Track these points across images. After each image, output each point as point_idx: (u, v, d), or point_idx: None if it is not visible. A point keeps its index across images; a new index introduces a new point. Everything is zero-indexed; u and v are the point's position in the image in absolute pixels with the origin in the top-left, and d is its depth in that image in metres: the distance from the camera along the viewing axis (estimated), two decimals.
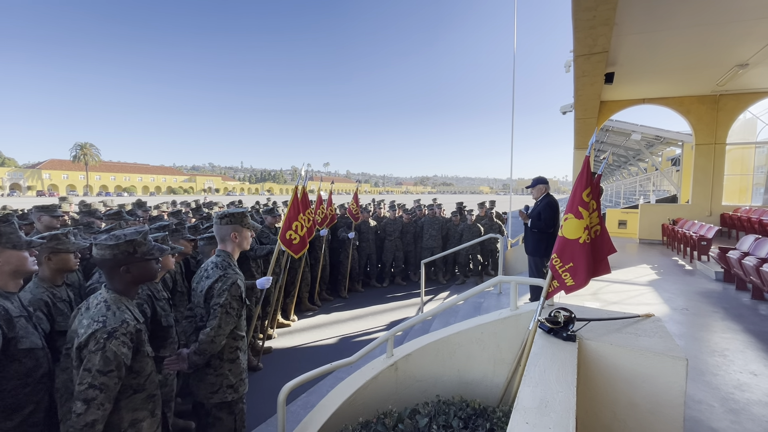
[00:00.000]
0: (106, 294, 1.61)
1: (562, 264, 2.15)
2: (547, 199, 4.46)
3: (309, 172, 4.85)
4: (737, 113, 8.82)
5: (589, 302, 4.61)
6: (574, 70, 6.20)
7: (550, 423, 1.24)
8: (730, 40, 5.71)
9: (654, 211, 9.95)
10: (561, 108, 10.49)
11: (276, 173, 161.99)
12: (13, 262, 1.68)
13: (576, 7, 4.33)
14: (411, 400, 2.62)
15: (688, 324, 3.99)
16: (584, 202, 2.11)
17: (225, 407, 2.18)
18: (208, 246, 3.21)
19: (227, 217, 2.29)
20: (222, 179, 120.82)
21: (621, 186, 22.63)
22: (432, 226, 7.88)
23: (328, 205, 6.46)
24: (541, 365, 1.64)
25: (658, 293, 5.08)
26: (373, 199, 9.66)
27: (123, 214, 4.25)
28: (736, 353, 3.28)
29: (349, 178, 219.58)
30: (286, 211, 4.30)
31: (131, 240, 1.63)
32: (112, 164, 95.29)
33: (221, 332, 2.05)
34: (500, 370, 2.52)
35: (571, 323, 1.96)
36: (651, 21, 5.10)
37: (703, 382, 2.79)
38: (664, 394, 1.76)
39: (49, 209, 3.75)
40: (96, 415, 1.41)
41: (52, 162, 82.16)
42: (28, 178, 74.46)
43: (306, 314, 6.01)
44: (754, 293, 4.85)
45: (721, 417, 2.39)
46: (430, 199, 10.54)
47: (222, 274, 2.13)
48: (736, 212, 8.74)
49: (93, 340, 1.45)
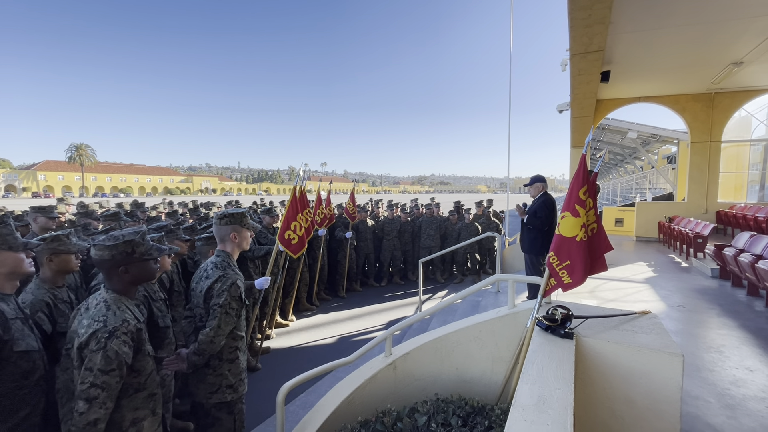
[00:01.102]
0: (105, 294, 1.61)
1: (559, 262, 2.16)
2: (543, 197, 4.47)
3: (307, 172, 4.84)
4: (732, 111, 8.87)
5: (586, 300, 4.63)
6: (570, 69, 6.22)
7: (548, 420, 1.25)
8: (724, 39, 5.74)
9: (650, 208, 10.00)
10: (557, 106, 10.51)
11: (273, 173, 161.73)
12: (9, 263, 1.67)
13: (572, 5, 4.35)
14: (410, 398, 2.63)
15: (685, 321, 4.02)
16: (581, 200, 2.12)
17: (224, 407, 2.18)
18: (206, 246, 3.21)
19: (227, 217, 2.28)
20: (219, 179, 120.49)
21: (617, 184, 22.71)
22: (430, 225, 7.89)
23: (327, 205, 6.46)
24: (538, 363, 1.65)
25: (654, 290, 5.11)
26: (370, 198, 9.66)
27: (120, 215, 4.23)
28: (732, 349, 3.30)
29: (346, 177, 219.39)
30: (285, 212, 4.30)
31: (129, 240, 1.64)
32: (108, 165, 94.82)
33: (221, 332, 2.05)
34: (498, 367, 2.53)
35: (568, 321, 1.97)
36: (647, 19, 5.13)
37: (700, 378, 2.81)
38: (661, 390, 1.77)
39: (45, 210, 3.72)
40: (98, 414, 1.42)
41: (47, 163, 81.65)
42: (23, 179, 73.96)
43: (304, 314, 6.01)
44: (749, 290, 4.89)
45: (718, 412, 2.41)
46: (428, 198, 10.55)
47: (221, 275, 2.13)
48: (731, 209, 8.80)
49: (94, 339, 1.46)
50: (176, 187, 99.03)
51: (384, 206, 8.70)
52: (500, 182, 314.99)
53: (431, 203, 8.59)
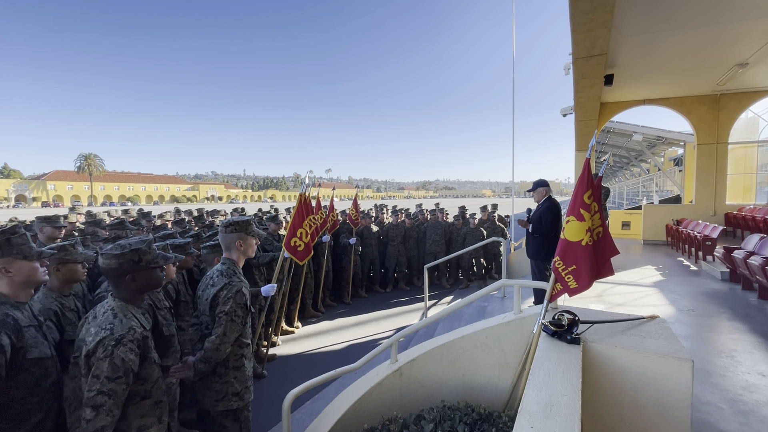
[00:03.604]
0: (112, 302, 1.64)
1: (565, 267, 2.15)
2: (548, 203, 4.45)
3: (312, 178, 4.85)
4: (738, 112, 8.80)
5: (594, 304, 4.58)
6: (573, 73, 6.22)
7: (555, 427, 1.23)
8: (728, 40, 5.71)
9: (657, 211, 9.90)
10: (561, 110, 10.50)
11: (278, 180, 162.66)
12: (24, 272, 1.70)
13: (573, 10, 4.36)
14: (416, 405, 2.61)
15: (695, 325, 3.96)
16: (586, 205, 2.11)
17: (230, 415, 2.18)
18: (212, 254, 3.23)
19: (232, 225, 2.31)
20: (225, 187, 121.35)
21: (624, 187, 22.55)
22: (435, 230, 7.87)
23: (330, 211, 6.48)
24: (545, 369, 1.64)
25: (663, 294, 5.05)
26: (375, 204, 9.67)
27: (126, 223, 4.28)
28: (744, 354, 3.24)
29: (351, 183, 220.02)
30: (291, 219, 4.33)
31: (136, 249, 1.67)
32: (116, 174, 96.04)
33: (226, 340, 2.06)
34: (505, 374, 2.51)
35: (575, 326, 1.96)
36: (649, 22, 5.12)
37: (711, 384, 2.77)
38: (671, 396, 1.75)
39: (51, 220, 3.76)
40: (105, 421, 1.43)
41: (56, 173, 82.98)
42: (33, 189, 75.09)
43: (310, 321, 6.00)
44: (760, 293, 4.81)
45: (730, 419, 2.36)
46: (433, 203, 10.56)
47: (227, 282, 2.14)
48: (740, 211, 8.68)
49: (101, 347, 1.48)
50: (183, 195, 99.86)
51: (389, 212, 8.70)
52: (505, 186, 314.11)
53: (436, 208, 8.59)
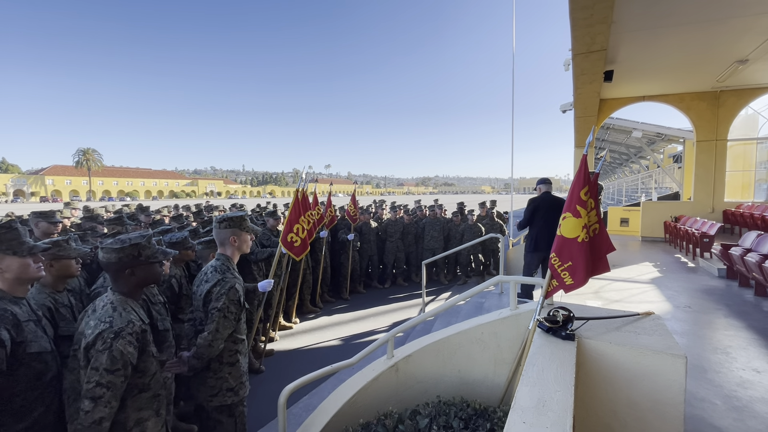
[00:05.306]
0: (112, 296, 1.65)
1: (561, 263, 2.14)
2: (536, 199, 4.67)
3: (310, 174, 4.86)
4: (738, 109, 8.78)
5: (590, 301, 4.59)
6: (572, 69, 6.20)
7: (547, 422, 1.24)
8: (728, 37, 5.69)
9: (656, 208, 9.91)
10: (561, 106, 10.48)
11: (278, 176, 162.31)
12: (14, 268, 1.67)
13: (573, 5, 4.34)
14: (412, 400, 2.62)
15: (691, 321, 3.97)
16: (582, 201, 2.11)
17: (225, 410, 2.18)
18: (207, 250, 3.22)
19: (226, 221, 2.30)
20: (224, 183, 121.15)
21: (623, 184, 22.53)
22: (433, 226, 7.88)
23: (327, 206, 6.47)
24: (539, 364, 1.64)
25: (660, 291, 5.06)
26: (374, 200, 9.66)
27: (124, 218, 4.26)
28: (739, 350, 3.26)
29: (350, 179, 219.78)
30: (288, 214, 4.31)
31: (136, 244, 1.69)
32: (115, 169, 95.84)
33: (219, 336, 2.06)
34: (501, 369, 2.52)
35: (570, 322, 1.95)
36: (649, 18, 5.09)
37: (706, 380, 2.78)
38: (664, 391, 1.75)
39: (46, 215, 3.73)
40: (103, 413, 1.45)
41: (55, 168, 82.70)
42: (32, 184, 74.94)
43: (308, 316, 6.02)
44: (757, 290, 4.82)
45: (724, 415, 2.38)
46: (432, 199, 10.54)
47: (220, 278, 2.14)
48: (738, 208, 8.70)
49: (100, 339, 1.50)
50: (182, 190, 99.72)
51: (387, 208, 8.69)
52: (505, 183, 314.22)
53: (434, 204, 8.58)
